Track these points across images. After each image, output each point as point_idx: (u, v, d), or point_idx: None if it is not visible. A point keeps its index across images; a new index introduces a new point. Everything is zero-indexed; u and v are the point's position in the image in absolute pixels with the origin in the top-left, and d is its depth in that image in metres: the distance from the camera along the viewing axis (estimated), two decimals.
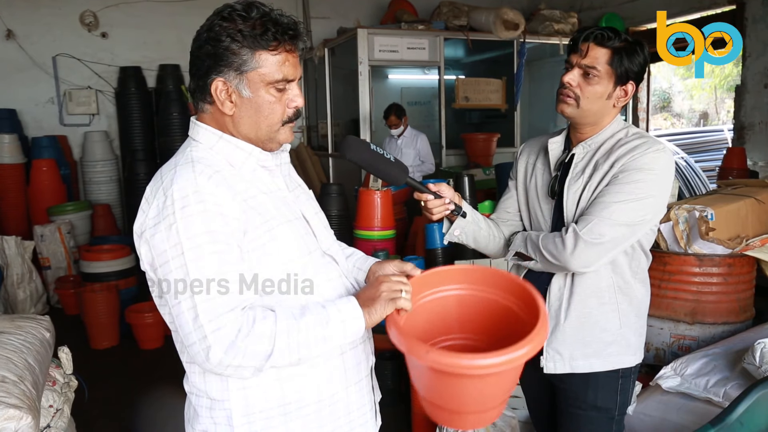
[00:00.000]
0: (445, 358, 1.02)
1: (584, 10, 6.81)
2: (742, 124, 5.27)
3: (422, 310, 1.22)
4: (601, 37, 1.58)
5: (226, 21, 1.14)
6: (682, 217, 2.76)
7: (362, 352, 1.29)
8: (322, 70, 6.64)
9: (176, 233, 1.06)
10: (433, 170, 5.68)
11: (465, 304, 1.27)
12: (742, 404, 1.48)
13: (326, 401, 1.23)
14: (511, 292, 1.23)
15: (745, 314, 2.85)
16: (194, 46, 1.17)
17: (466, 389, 1.09)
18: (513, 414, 2.59)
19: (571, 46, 1.65)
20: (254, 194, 1.17)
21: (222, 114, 1.19)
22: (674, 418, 2.32)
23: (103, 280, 4.62)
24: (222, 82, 1.15)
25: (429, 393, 1.15)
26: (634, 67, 1.60)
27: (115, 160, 6.63)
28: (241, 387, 1.17)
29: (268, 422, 1.19)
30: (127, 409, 3.26)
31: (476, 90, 6.41)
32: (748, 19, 5.11)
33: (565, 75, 1.63)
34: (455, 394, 1.10)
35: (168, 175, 1.14)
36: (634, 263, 1.69)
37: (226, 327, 1.04)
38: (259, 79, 1.16)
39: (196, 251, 1.06)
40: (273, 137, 1.22)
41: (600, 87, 1.61)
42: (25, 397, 1.72)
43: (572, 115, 1.66)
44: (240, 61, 1.14)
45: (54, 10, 6.42)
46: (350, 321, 1.14)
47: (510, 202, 1.89)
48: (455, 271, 1.27)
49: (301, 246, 1.21)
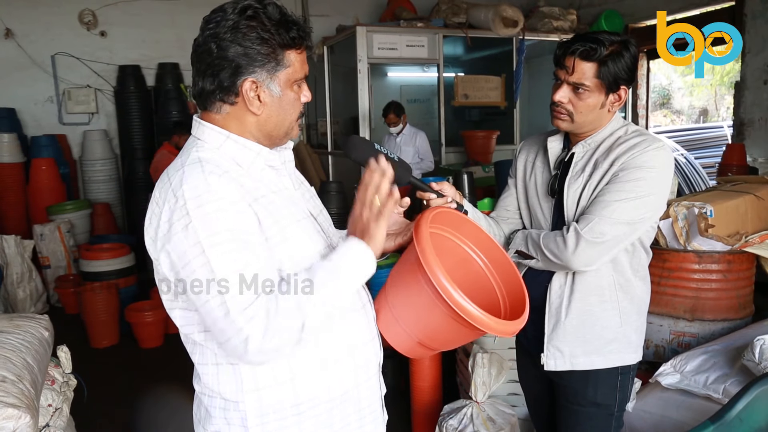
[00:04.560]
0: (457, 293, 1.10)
1: (583, 7, 6.80)
2: (742, 121, 5.26)
3: (438, 242, 1.29)
4: (585, 52, 1.56)
5: (252, 20, 1.12)
6: (681, 214, 2.76)
7: (371, 349, 1.30)
8: (322, 68, 6.63)
9: (194, 232, 1.05)
10: (432, 168, 5.68)
11: (468, 264, 1.36)
12: (742, 401, 1.48)
13: (338, 400, 1.23)
14: (507, 283, 1.32)
15: (745, 311, 2.85)
16: (213, 47, 1.13)
17: (440, 323, 1.18)
18: (513, 411, 2.59)
19: (556, 61, 1.64)
20: (264, 193, 1.17)
21: (246, 113, 1.18)
22: (674, 414, 2.32)
23: (102, 279, 4.63)
24: (251, 82, 1.15)
25: (401, 299, 1.23)
26: (622, 73, 1.58)
27: (114, 159, 6.63)
28: (255, 388, 1.17)
29: (282, 422, 1.19)
30: (126, 408, 3.26)
31: (475, 87, 6.41)
32: (747, 15, 5.09)
33: (555, 93, 1.63)
34: (428, 320, 1.19)
35: (176, 176, 1.12)
36: (634, 261, 1.70)
37: (257, 315, 1.04)
38: (286, 78, 1.18)
39: (217, 248, 1.05)
40: (289, 133, 1.24)
41: (591, 100, 1.61)
42: (23, 396, 1.72)
43: (569, 129, 1.69)
44: (275, 61, 1.15)
45: (53, 8, 6.41)
46: (358, 257, 1.15)
47: (509, 200, 1.89)
48: (479, 232, 1.38)
49: (312, 245, 1.21)
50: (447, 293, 1.10)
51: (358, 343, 1.26)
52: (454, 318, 1.13)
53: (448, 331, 1.20)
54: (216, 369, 1.19)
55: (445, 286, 1.10)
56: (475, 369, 2.52)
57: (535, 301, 1.69)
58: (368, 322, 1.29)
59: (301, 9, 7.20)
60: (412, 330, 1.23)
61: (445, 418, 2.58)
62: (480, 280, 1.37)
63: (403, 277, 1.20)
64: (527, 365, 1.92)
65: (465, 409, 2.56)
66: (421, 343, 1.25)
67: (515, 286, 1.34)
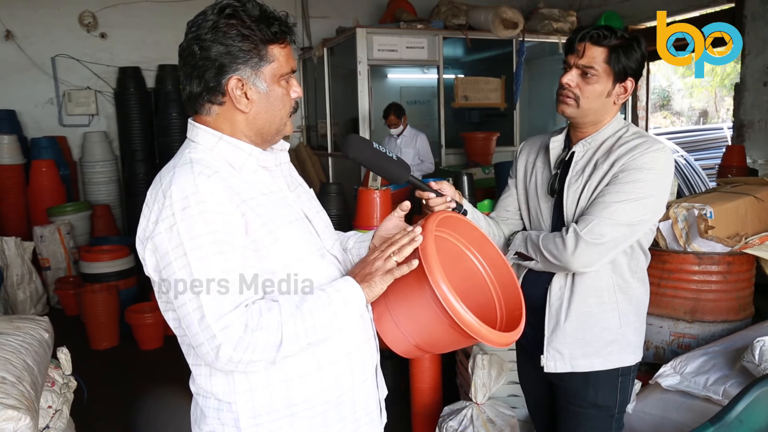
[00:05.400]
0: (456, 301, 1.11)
1: (583, 9, 6.80)
2: (742, 122, 5.26)
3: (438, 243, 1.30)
4: (597, 36, 1.58)
5: (233, 18, 1.13)
6: (681, 216, 2.76)
7: (367, 351, 1.30)
8: (321, 70, 6.63)
9: (177, 234, 1.06)
10: (432, 169, 5.68)
11: (466, 267, 1.37)
12: (742, 402, 1.48)
13: (333, 402, 1.23)
14: (504, 288, 1.32)
15: (745, 312, 2.84)
16: (196, 49, 1.14)
17: (440, 331, 1.18)
18: (513, 413, 2.59)
19: (567, 47, 1.65)
20: (254, 195, 1.16)
21: (235, 112, 1.18)
22: (674, 416, 2.32)
23: (102, 281, 4.62)
24: (237, 80, 1.15)
25: (402, 305, 1.23)
26: (631, 63, 1.60)
27: (114, 161, 6.62)
28: (248, 389, 1.17)
29: (275, 423, 1.19)
30: (126, 410, 3.26)
31: (475, 89, 6.41)
32: (747, 16, 5.10)
33: (563, 76, 1.64)
34: (428, 328, 1.20)
35: (167, 177, 1.13)
36: (633, 262, 1.70)
37: (233, 324, 1.04)
38: (272, 73, 1.17)
39: (199, 251, 1.05)
40: (281, 130, 1.24)
41: (599, 86, 1.61)
42: (23, 397, 1.72)
43: (573, 115, 1.67)
44: (257, 57, 1.15)
45: (53, 10, 6.42)
46: (351, 299, 1.16)
47: (509, 201, 1.89)
48: (479, 235, 1.38)
49: (304, 246, 1.21)
50: (451, 307, 1.11)
51: (354, 344, 1.26)
52: (454, 328, 1.14)
53: (447, 338, 1.21)
54: (209, 370, 1.19)
55: (450, 299, 1.11)
56: (475, 370, 2.52)
57: (535, 303, 1.69)
58: (364, 323, 1.29)
59: (301, 10, 7.20)
60: (411, 334, 1.24)
61: (445, 419, 2.58)
62: (475, 279, 1.38)
63: (405, 283, 1.20)
64: (527, 367, 1.92)
65: (465, 410, 2.55)
66: (418, 347, 1.26)
67: (512, 293, 1.35)
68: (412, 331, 1.23)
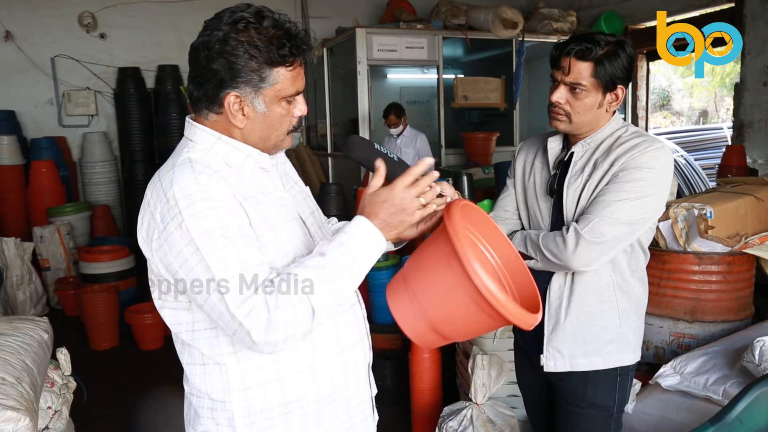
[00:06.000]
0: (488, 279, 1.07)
1: (583, 9, 6.80)
2: (742, 122, 5.26)
3: None
4: (581, 52, 1.57)
5: (242, 33, 1.11)
6: (681, 216, 2.76)
7: (360, 350, 1.30)
8: (321, 70, 6.63)
9: (187, 231, 1.06)
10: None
11: None
12: (742, 402, 1.48)
13: (326, 399, 1.23)
14: (518, 284, 1.29)
15: (745, 312, 2.84)
16: (203, 56, 1.13)
17: (462, 306, 1.14)
18: (512, 413, 2.59)
19: (552, 63, 1.64)
20: (253, 194, 1.17)
21: (230, 125, 1.17)
22: (674, 416, 2.32)
23: (102, 281, 4.62)
24: (235, 96, 1.14)
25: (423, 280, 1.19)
26: (618, 72, 1.59)
27: (114, 161, 6.63)
28: (242, 388, 1.17)
29: (270, 422, 1.19)
30: (126, 411, 3.26)
31: (475, 89, 6.41)
32: (747, 16, 5.10)
33: (552, 93, 1.64)
34: (450, 306, 1.16)
35: (166, 176, 1.13)
36: (632, 261, 1.70)
37: (256, 307, 1.04)
38: (274, 94, 1.15)
39: (211, 245, 1.05)
40: (278, 145, 1.23)
41: (589, 100, 1.61)
42: (22, 398, 1.72)
43: (567, 130, 1.69)
44: (258, 78, 1.13)
45: (52, 11, 6.42)
46: (375, 252, 1.15)
47: (508, 201, 1.89)
48: (494, 229, 1.34)
49: (297, 247, 1.21)
50: (477, 277, 1.08)
51: (347, 342, 1.26)
52: (477, 302, 1.11)
53: (467, 316, 1.17)
54: (203, 369, 1.19)
55: (476, 269, 1.08)
56: (474, 371, 2.52)
57: None
58: (357, 321, 1.29)
59: (301, 11, 7.20)
60: (428, 311, 1.19)
61: (444, 419, 2.58)
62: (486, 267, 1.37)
63: (430, 257, 1.18)
64: (525, 367, 1.92)
65: (465, 410, 2.55)
66: (434, 328, 1.22)
67: (527, 288, 1.33)
68: (430, 307, 1.18)
